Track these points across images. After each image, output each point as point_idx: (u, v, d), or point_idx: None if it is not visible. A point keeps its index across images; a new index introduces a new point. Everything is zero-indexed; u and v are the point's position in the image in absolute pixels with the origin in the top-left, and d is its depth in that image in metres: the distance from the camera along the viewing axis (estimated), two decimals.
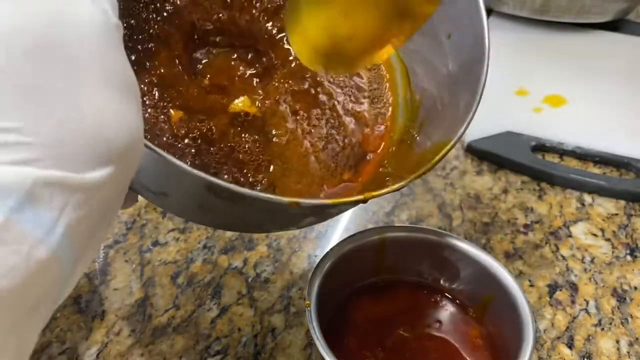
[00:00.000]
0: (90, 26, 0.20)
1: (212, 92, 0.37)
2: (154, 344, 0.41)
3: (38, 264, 0.17)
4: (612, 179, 0.56)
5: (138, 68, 0.34)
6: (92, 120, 0.19)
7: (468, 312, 0.38)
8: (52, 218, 0.18)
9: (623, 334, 0.43)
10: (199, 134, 0.35)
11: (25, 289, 0.17)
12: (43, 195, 0.17)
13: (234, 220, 0.35)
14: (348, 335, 0.37)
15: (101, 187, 0.19)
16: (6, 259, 0.16)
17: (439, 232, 0.38)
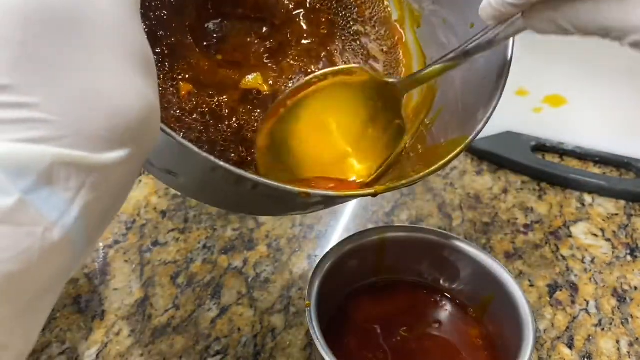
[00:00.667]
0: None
1: (224, 66, 0.35)
2: (153, 344, 0.41)
3: (52, 246, 0.17)
4: (612, 179, 0.56)
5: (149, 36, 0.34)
6: (110, 99, 0.18)
7: (468, 312, 0.38)
8: (68, 199, 0.17)
9: (623, 334, 0.43)
10: (207, 109, 0.34)
11: (38, 271, 0.17)
12: (60, 176, 0.17)
13: (241, 202, 0.34)
14: (348, 336, 0.37)
15: (117, 167, 0.19)
16: (20, 241, 0.16)
17: (439, 232, 0.38)
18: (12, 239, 0.16)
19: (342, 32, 0.40)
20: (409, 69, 0.39)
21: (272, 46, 0.37)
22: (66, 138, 0.17)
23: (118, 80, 0.19)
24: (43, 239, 0.17)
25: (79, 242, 0.18)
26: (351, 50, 0.39)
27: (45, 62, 0.17)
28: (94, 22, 0.18)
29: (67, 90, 0.17)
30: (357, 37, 0.40)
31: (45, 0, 0.17)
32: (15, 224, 0.16)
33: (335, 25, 0.40)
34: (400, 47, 0.40)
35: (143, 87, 0.20)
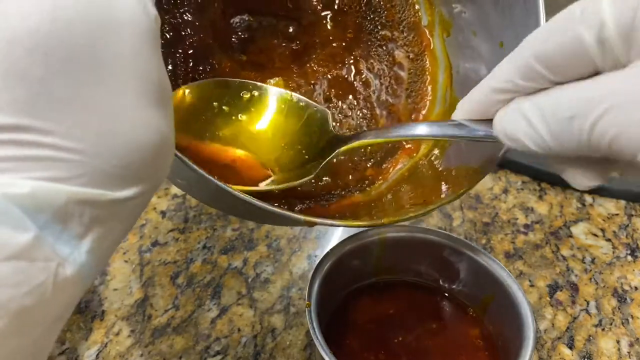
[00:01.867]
0: (131, 27, 0.19)
1: (247, 68, 0.35)
2: (153, 344, 0.41)
3: (64, 281, 0.17)
4: (612, 179, 0.56)
5: (174, 34, 0.32)
6: (126, 138, 0.18)
7: (468, 312, 0.38)
8: (80, 235, 0.18)
9: (623, 334, 0.43)
10: None
11: (50, 304, 0.17)
12: (73, 213, 0.17)
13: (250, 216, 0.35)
14: (348, 336, 0.37)
15: (128, 204, 0.19)
16: (35, 276, 0.16)
17: (439, 232, 0.38)
18: (27, 274, 0.16)
19: (368, 36, 0.39)
20: (434, 77, 0.39)
21: (298, 48, 0.37)
22: (82, 177, 0.17)
23: (134, 116, 0.19)
24: (56, 274, 0.17)
25: (88, 277, 0.19)
26: (376, 55, 0.39)
27: (63, 100, 0.17)
28: (112, 58, 0.18)
29: (84, 130, 0.17)
30: (383, 42, 0.39)
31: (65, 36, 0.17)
32: (31, 260, 0.16)
33: (363, 29, 0.39)
34: (428, 54, 0.39)
35: (158, 121, 0.20)
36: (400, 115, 0.38)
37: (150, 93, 0.19)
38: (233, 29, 0.35)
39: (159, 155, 0.20)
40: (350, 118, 0.37)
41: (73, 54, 0.17)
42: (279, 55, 0.36)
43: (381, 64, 0.38)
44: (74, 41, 0.17)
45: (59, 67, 0.17)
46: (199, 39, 0.33)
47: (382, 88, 0.38)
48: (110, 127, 0.18)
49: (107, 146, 0.18)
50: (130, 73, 0.19)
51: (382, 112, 0.37)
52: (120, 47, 0.18)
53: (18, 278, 0.16)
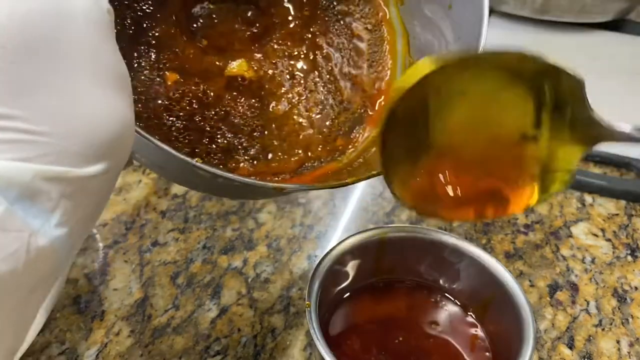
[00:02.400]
0: (85, 18, 0.20)
1: (209, 52, 0.36)
2: (153, 344, 0.41)
3: (37, 251, 0.19)
4: (612, 179, 0.56)
5: (136, 28, 0.33)
6: (87, 119, 0.20)
7: (468, 312, 0.38)
8: (49, 209, 0.19)
9: (623, 334, 0.43)
10: (194, 98, 0.34)
11: (25, 273, 0.19)
12: (41, 189, 0.19)
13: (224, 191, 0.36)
14: (348, 336, 0.37)
15: (95, 180, 0.21)
16: (8, 244, 0.18)
17: (439, 232, 0.38)
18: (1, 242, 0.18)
19: (325, 12, 0.40)
20: (393, 46, 0.39)
21: (258, 31, 0.38)
22: (47, 156, 0.19)
23: (94, 100, 0.20)
24: (29, 243, 0.19)
25: (62, 248, 0.20)
26: (335, 30, 0.39)
27: (25, 87, 0.19)
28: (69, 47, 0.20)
29: (46, 113, 0.19)
30: (341, 16, 0.40)
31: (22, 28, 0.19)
32: (3, 230, 0.18)
33: (319, 6, 0.39)
34: (385, 24, 0.40)
35: (118, 104, 0.21)
36: (364, 85, 0.38)
37: (107, 77, 0.21)
38: (194, 17, 0.36)
39: (119, 132, 0.21)
40: (315, 92, 0.37)
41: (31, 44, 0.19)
42: (238, 38, 0.37)
43: (340, 38, 0.39)
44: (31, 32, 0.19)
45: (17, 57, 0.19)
46: (161, 29, 0.34)
47: (343, 61, 0.39)
48: (70, 109, 0.20)
49: (67, 126, 0.19)
50: (86, 59, 0.20)
51: (345, 84, 0.38)
52: (76, 36, 0.20)
53: None
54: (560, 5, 0.72)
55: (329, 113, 0.37)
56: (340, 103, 0.38)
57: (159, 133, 0.33)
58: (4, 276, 0.18)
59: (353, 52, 0.39)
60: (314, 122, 0.37)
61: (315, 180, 0.35)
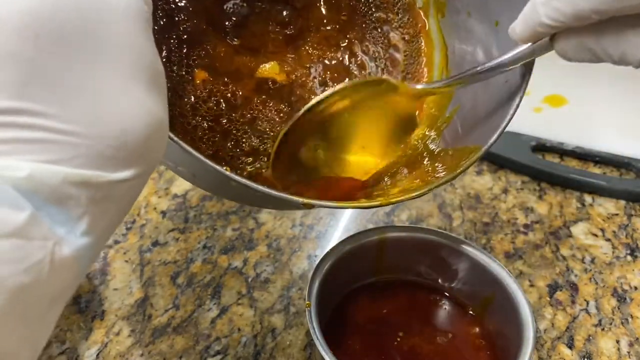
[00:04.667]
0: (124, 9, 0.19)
1: (241, 52, 0.34)
2: (154, 344, 0.41)
3: (61, 261, 0.17)
4: (612, 179, 0.56)
5: (167, 20, 0.32)
6: (120, 120, 0.18)
7: (468, 312, 0.38)
8: (77, 216, 0.18)
9: (623, 334, 0.43)
10: (222, 98, 0.33)
11: (47, 284, 0.17)
12: (69, 194, 0.17)
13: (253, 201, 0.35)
14: (348, 335, 0.37)
15: (124, 185, 0.19)
16: (32, 254, 0.17)
17: (439, 232, 0.38)
18: (24, 251, 0.16)
19: (363, 19, 0.38)
20: (430, 59, 0.38)
21: (292, 32, 0.36)
22: (77, 159, 0.17)
23: (129, 100, 0.19)
24: (53, 252, 0.17)
25: (84, 257, 0.19)
26: (371, 38, 0.38)
27: (55, 81, 0.17)
28: (104, 39, 0.18)
29: (77, 111, 0.17)
30: (378, 24, 0.39)
31: (56, 17, 0.17)
32: (28, 238, 0.16)
33: (357, 12, 0.38)
34: (423, 36, 0.39)
35: (152, 106, 0.20)
36: None
37: (143, 75, 0.19)
38: (226, 14, 0.35)
39: (153, 136, 0.19)
40: None
41: (64, 34, 0.17)
42: (272, 39, 0.36)
43: (376, 47, 0.38)
44: (65, 22, 0.17)
45: (50, 48, 0.17)
46: (193, 24, 0.33)
47: (377, 70, 0.37)
48: (104, 109, 0.18)
49: (100, 127, 0.18)
50: (122, 55, 0.19)
51: None
52: (113, 30, 0.18)
53: (16, 255, 0.16)
54: None
55: None
56: None
57: (183, 133, 0.32)
58: (26, 287, 0.17)
59: (388, 62, 0.38)
60: None
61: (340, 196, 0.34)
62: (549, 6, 0.24)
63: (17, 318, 0.17)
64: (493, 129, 0.31)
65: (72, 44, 0.17)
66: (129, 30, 0.19)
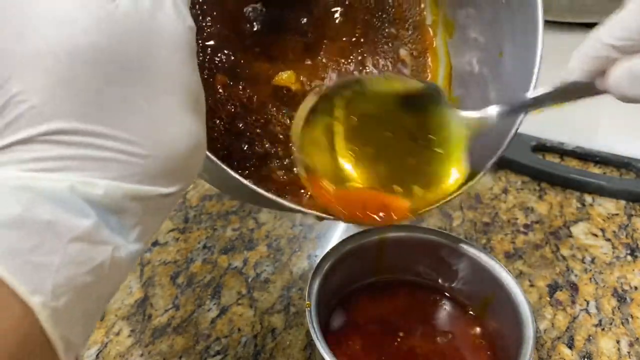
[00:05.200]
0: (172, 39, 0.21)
1: (260, 59, 0.36)
2: (153, 344, 0.41)
3: (117, 264, 0.20)
4: (612, 179, 0.56)
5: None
6: (171, 141, 0.21)
7: (468, 312, 0.38)
8: (132, 224, 0.21)
9: (623, 334, 0.43)
10: (239, 102, 0.35)
11: (106, 284, 0.20)
12: (128, 207, 0.20)
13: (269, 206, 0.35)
14: (348, 335, 0.37)
15: (170, 199, 0.22)
16: (95, 257, 0.19)
17: (439, 232, 0.38)
18: (88, 255, 0.19)
19: (375, 33, 0.40)
20: (435, 75, 0.40)
21: (309, 40, 0.38)
22: (135, 176, 0.20)
23: (177, 123, 0.21)
24: (112, 256, 0.20)
25: (133, 261, 0.21)
26: (382, 52, 0.40)
27: (119, 108, 0.20)
28: (155, 70, 0.21)
29: (138, 135, 0.20)
30: (389, 39, 0.40)
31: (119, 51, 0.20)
32: (92, 243, 0.19)
33: (371, 26, 0.40)
34: (430, 53, 0.40)
35: (194, 127, 0.22)
36: None
37: (188, 101, 0.22)
38: (246, 20, 0.36)
39: (195, 155, 0.22)
40: None
41: (124, 67, 0.20)
42: (291, 48, 0.37)
43: (386, 61, 0.39)
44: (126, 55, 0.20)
45: (114, 78, 0.20)
46: (217, 29, 0.34)
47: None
48: (157, 132, 0.21)
49: (156, 149, 0.21)
50: (174, 82, 0.21)
51: None
52: (165, 60, 0.21)
53: (81, 258, 0.19)
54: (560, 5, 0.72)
55: None
56: None
57: None
58: (89, 286, 0.19)
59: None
60: None
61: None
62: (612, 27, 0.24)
63: (80, 313, 0.19)
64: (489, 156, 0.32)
65: (130, 74, 0.20)
66: (178, 60, 0.21)
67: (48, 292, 0.18)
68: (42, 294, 0.18)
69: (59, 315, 0.18)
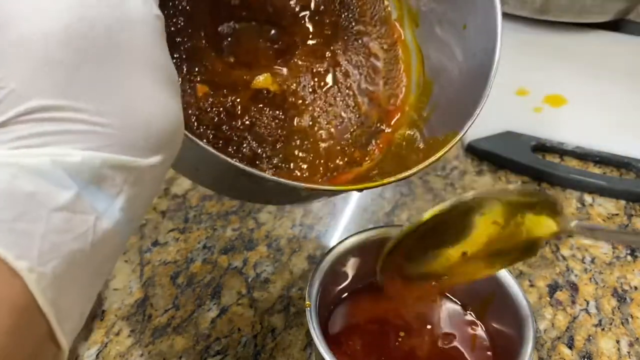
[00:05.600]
0: (142, 24, 0.23)
1: (236, 67, 0.38)
2: (153, 344, 0.41)
3: (102, 232, 0.21)
4: (612, 179, 0.56)
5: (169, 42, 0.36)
6: (146, 113, 0.22)
7: (468, 312, 0.38)
8: (113, 194, 0.21)
9: (623, 334, 0.43)
10: (222, 109, 0.36)
11: (92, 252, 0.21)
12: (107, 176, 0.21)
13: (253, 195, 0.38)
14: (348, 335, 0.37)
15: (152, 170, 0.22)
16: (78, 225, 0.20)
17: None
18: (71, 223, 0.20)
19: (344, 32, 0.42)
20: (408, 65, 0.42)
21: (281, 47, 0.40)
22: (112, 146, 0.21)
23: (151, 96, 0.22)
24: (95, 225, 0.20)
25: (123, 232, 0.22)
26: (353, 48, 0.42)
27: (92, 83, 0.21)
28: (129, 47, 0.22)
29: (111, 107, 0.21)
30: (359, 36, 0.42)
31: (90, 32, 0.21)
32: (74, 212, 0.20)
33: (339, 26, 0.42)
34: (400, 44, 0.42)
35: (169, 101, 0.23)
36: (381, 101, 0.40)
37: (162, 78, 0.23)
38: (222, 35, 0.38)
39: (172, 127, 0.23)
40: (335, 106, 0.39)
41: (97, 45, 0.21)
42: (264, 54, 0.39)
43: (358, 56, 0.41)
44: (97, 36, 0.21)
45: (87, 57, 0.21)
46: (192, 44, 0.37)
47: (361, 78, 0.41)
48: (132, 104, 0.22)
49: (131, 120, 0.22)
50: (144, 60, 0.22)
51: (363, 99, 0.40)
52: (135, 39, 0.22)
53: (65, 226, 0.20)
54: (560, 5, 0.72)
55: (348, 126, 0.39)
56: (358, 117, 0.40)
57: None
58: (76, 254, 0.20)
59: (370, 69, 0.41)
60: (334, 134, 0.39)
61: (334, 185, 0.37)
62: None
63: (70, 281, 0.20)
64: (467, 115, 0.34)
65: (103, 53, 0.21)
66: (147, 40, 0.23)
67: (34, 258, 0.19)
68: (28, 259, 0.19)
69: (47, 280, 0.19)
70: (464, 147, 0.59)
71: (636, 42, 0.74)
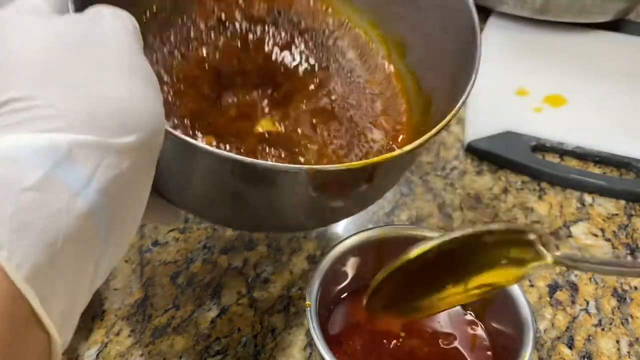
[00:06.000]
0: (115, 34, 0.25)
1: (238, 120, 0.40)
2: (153, 344, 0.41)
3: (78, 212, 0.21)
4: (612, 179, 0.56)
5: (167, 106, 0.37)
6: (118, 99, 0.23)
7: (468, 312, 0.38)
8: (87, 174, 0.21)
9: (623, 334, 0.43)
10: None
11: (71, 232, 0.21)
12: (78, 155, 0.21)
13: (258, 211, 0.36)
14: (348, 335, 0.37)
15: (128, 152, 0.23)
16: (50, 204, 0.20)
17: (439, 232, 0.38)
18: (43, 201, 0.20)
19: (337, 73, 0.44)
20: (404, 90, 0.43)
21: (278, 97, 0.41)
22: (80, 127, 0.21)
23: (124, 87, 0.23)
24: (69, 205, 0.20)
25: (100, 213, 0.22)
26: (348, 86, 0.43)
27: (63, 75, 0.22)
28: (102, 46, 0.24)
29: (80, 96, 0.22)
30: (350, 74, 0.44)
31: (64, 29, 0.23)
32: (45, 191, 0.20)
33: (329, 69, 0.44)
34: (393, 76, 0.44)
35: (144, 91, 0.24)
36: (384, 127, 0.41)
37: (137, 74, 0.24)
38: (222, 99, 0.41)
39: (148, 114, 0.24)
40: (339, 138, 0.40)
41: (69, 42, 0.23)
42: (262, 106, 0.41)
43: (354, 94, 0.43)
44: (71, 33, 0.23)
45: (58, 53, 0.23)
46: (196, 105, 0.39)
47: (360, 109, 0.42)
48: (102, 94, 0.23)
49: (100, 106, 0.22)
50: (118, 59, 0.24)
51: (367, 126, 0.41)
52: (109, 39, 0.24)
53: (37, 205, 0.20)
54: (560, 5, 0.72)
55: (356, 152, 0.40)
56: (366, 143, 0.40)
57: None
58: (50, 232, 0.20)
59: (368, 101, 0.43)
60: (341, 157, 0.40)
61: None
62: None
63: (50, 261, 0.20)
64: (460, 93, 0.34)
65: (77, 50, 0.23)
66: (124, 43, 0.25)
67: (4, 235, 0.19)
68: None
69: (19, 257, 0.19)
70: (463, 147, 0.59)
71: (636, 42, 0.74)
